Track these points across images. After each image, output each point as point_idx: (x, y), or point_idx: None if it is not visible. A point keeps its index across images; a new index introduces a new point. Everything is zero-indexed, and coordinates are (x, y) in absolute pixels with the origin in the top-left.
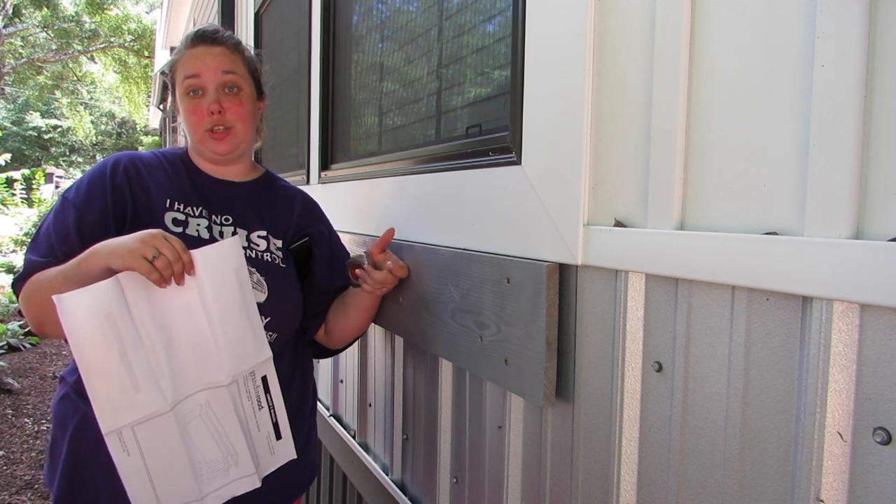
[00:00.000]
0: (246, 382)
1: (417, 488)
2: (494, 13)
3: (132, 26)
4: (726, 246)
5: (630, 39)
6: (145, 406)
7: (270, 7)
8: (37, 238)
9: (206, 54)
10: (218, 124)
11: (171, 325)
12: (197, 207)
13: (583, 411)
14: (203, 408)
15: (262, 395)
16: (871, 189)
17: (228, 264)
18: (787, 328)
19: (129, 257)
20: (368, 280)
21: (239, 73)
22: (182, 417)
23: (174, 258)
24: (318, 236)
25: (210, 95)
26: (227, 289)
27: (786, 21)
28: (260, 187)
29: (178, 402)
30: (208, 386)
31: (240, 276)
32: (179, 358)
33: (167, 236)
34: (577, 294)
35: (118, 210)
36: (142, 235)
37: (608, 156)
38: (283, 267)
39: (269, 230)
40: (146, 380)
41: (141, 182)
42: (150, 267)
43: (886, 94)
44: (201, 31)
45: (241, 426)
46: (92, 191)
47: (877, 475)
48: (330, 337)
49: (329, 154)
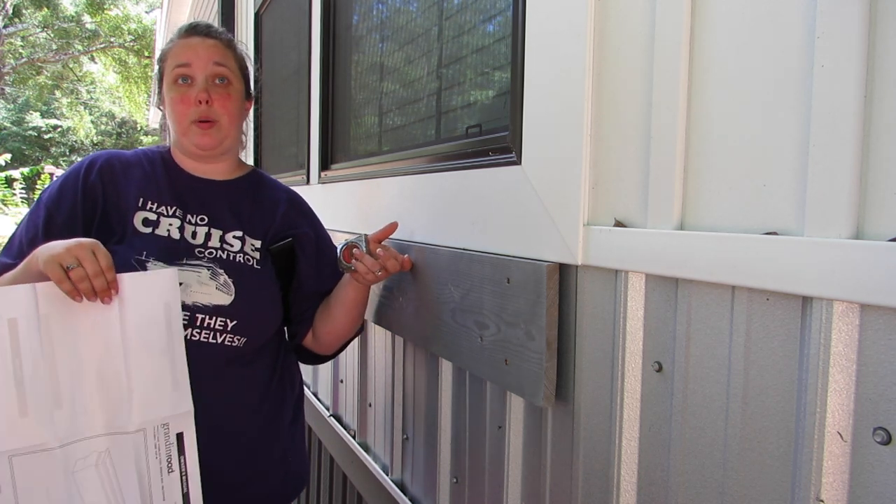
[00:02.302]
0: (156, 435)
1: (417, 488)
2: (494, 13)
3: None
4: (726, 246)
5: (630, 39)
6: (28, 434)
7: (270, 7)
8: (11, 240)
9: (199, 45)
10: (204, 116)
11: (82, 352)
12: (171, 207)
13: (583, 411)
14: (101, 456)
15: (175, 457)
16: (871, 189)
17: (159, 297)
18: (787, 328)
19: (48, 262)
20: (359, 266)
21: (230, 68)
22: (71, 461)
23: (93, 273)
24: (302, 238)
25: (199, 85)
26: (153, 324)
27: (786, 21)
28: (243, 186)
29: (70, 441)
30: (112, 431)
31: (169, 313)
32: (85, 391)
33: (97, 250)
34: (577, 294)
35: (87, 210)
36: (71, 242)
37: (608, 156)
38: (257, 269)
39: (246, 230)
40: (37, 404)
41: (114, 181)
42: (62, 275)
43: (886, 94)
44: (195, 23)
45: (140, 489)
46: (64, 191)
47: (877, 475)
48: (318, 342)
49: (329, 154)
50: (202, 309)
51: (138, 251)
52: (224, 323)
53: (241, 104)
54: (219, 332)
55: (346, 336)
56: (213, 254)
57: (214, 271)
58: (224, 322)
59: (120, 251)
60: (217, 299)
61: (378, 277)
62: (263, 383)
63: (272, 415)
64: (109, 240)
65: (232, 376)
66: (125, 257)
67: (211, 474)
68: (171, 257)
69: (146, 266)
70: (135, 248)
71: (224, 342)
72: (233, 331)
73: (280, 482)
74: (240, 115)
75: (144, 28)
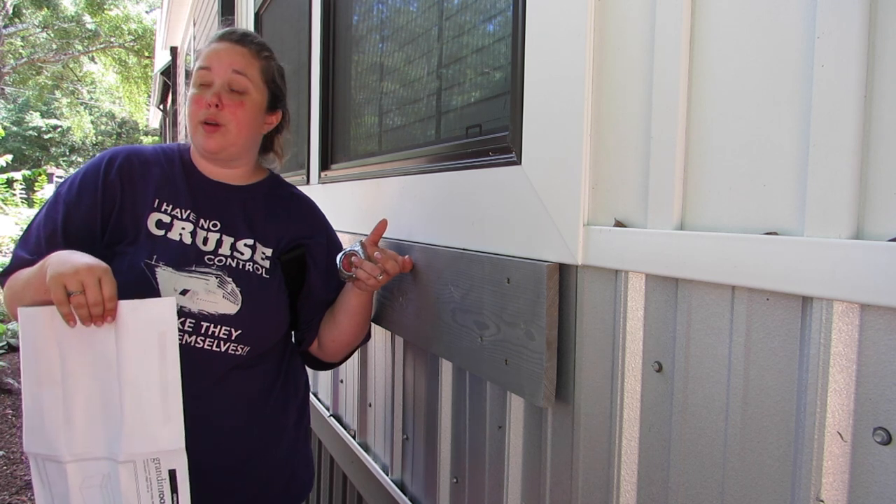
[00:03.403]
0: (146, 469)
1: (417, 488)
2: (494, 13)
3: (132, 26)
4: (726, 246)
5: (630, 39)
6: (45, 443)
7: (270, 7)
8: (28, 232)
9: (223, 51)
10: (211, 118)
11: (89, 375)
12: (185, 210)
13: (583, 411)
14: (105, 479)
15: (168, 494)
16: (871, 189)
17: (155, 326)
18: (788, 328)
19: (54, 281)
20: (359, 272)
21: (249, 77)
22: (80, 477)
23: (94, 302)
24: (314, 248)
25: (213, 89)
26: (147, 354)
27: (786, 21)
28: (259, 192)
29: (80, 458)
30: (110, 456)
31: (164, 342)
32: (91, 413)
33: (104, 278)
34: (577, 294)
35: (106, 209)
36: (80, 264)
37: (608, 156)
38: (266, 278)
39: (257, 238)
40: (51, 417)
41: (132, 180)
42: (63, 299)
43: (886, 94)
44: (229, 30)
45: None
46: (84, 187)
47: (877, 475)
48: (323, 349)
49: (329, 154)
50: (207, 317)
51: (148, 255)
52: (228, 332)
53: (256, 114)
54: (223, 341)
55: (351, 344)
56: (222, 261)
57: (223, 279)
58: (229, 331)
59: (130, 253)
60: (223, 308)
61: (380, 282)
62: (267, 385)
63: (276, 417)
64: (122, 239)
65: (235, 379)
66: (135, 260)
67: (212, 476)
68: (181, 263)
69: (155, 270)
70: (145, 252)
71: (228, 350)
72: (237, 340)
73: (283, 486)
74: (252, 125)
75: (144, 28)
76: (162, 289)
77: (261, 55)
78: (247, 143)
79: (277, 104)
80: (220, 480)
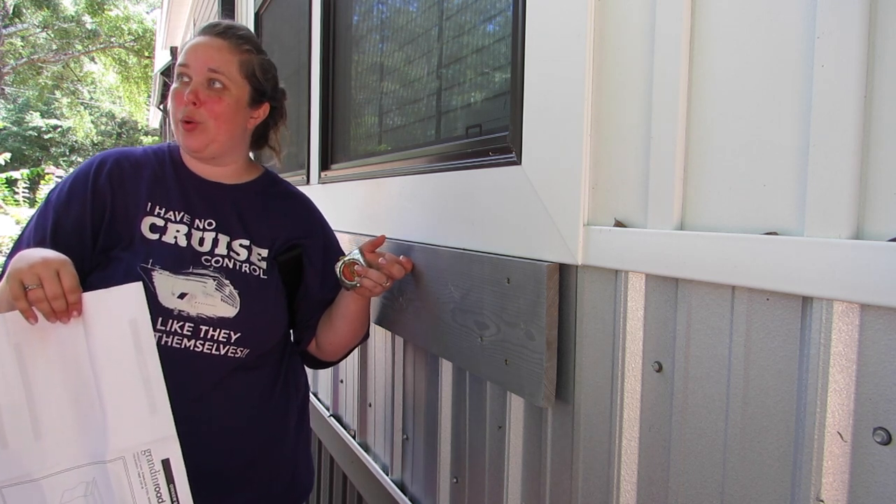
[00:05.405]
0: (138, 463)
1: (417, 488)
2: (494, 13)
3: (132, 26)
4: (726, 246)
5: (630, 39)
6: (11, 466)
7: (270, 7)
8: (20, 240)
9: (201, 46)
10: (188, 116)
11: (58, 380)
12: (178, 212)
13: (583, 411)
14: (89, 487)
15: (164, 486)
16: (871, 189)
17: (124, 313)
18: (788, 328)
19: (11, 277)
20: (366, 282)
21: (225, 73)
22: (58, 492)
23: (52, 295)
24: (311, 247)
25: (191, 87)
26: (120, 343)
27: (786, 21)
28: (253, 191)
29: (55, 471)
30: (94, 460)
31: (137, 330)
32: (66, 421)
33: (63, 269)
34: (577, 294)
35: (96, 215)
36: (37, 259)
37: (608, 156)
38: (263, 279)
39: (253, 239)
40: (16, 436)
41: (123, 185)
42: (20, 293)
43: (886, 94)
44: (210, 23)
45: None
46: (73, 194)
47: (877, 475)
48: (321, 350)
49: (329, 154)
50: (206, 321)
51: (144, 259)
52: (228, 335)
53: (236, 110)
54: (222, 344)
55: (349, 345)
56: (219, 262)
57: (220, 282)
58: (228, 334)
59: (126, 258)
60: (222, 311)
61: (385, 287)
62: (267, 387)
63: (277, 417)
64: (116, 244)
65: (236, 381)
66: (131, 265)
67: (214, 479)
68: (178, 265)
69: (151, 274)
70: (141, 256)
71: (227, 353)
72: (236, 343)
73: (284, 489)
74: (233, 120)
75: (144, 28)
76: (159, 293)
77: (241, 48)
78: (229, 139)
79: (262, 98)
80: (222, 483)
